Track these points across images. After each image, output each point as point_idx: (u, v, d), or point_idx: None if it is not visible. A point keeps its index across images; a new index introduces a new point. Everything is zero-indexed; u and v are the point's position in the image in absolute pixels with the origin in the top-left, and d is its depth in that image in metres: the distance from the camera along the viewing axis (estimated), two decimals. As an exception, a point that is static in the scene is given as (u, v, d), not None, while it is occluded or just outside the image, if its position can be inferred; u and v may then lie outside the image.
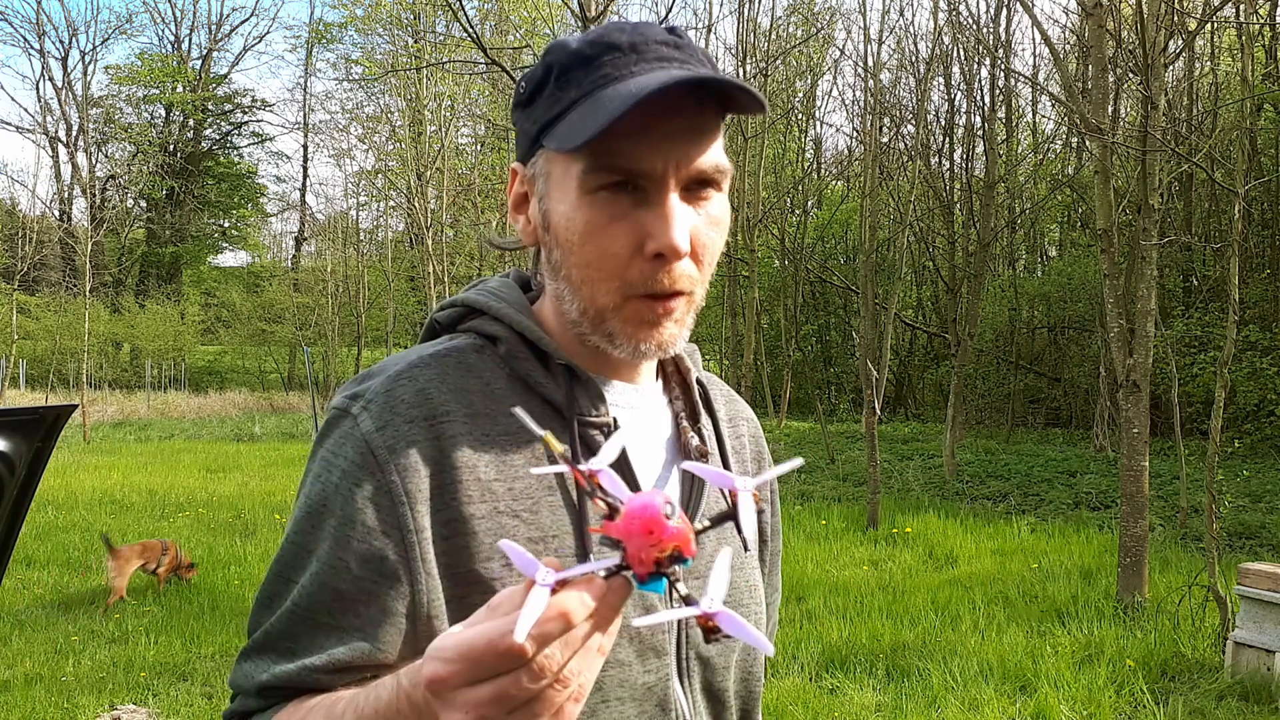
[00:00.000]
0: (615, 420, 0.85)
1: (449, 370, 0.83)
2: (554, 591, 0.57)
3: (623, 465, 0.83)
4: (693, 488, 0.88)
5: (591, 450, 0.83)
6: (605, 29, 0.81)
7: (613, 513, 0.60)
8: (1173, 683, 4.67)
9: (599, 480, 0.61)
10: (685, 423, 0.92)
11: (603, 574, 0.58)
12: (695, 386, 0.94)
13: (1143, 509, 5.81)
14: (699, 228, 0.80)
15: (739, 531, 0.62)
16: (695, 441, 0.90)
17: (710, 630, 0.59)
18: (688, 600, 0.58)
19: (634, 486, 0.83)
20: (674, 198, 0.77)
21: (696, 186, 0.79)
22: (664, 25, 0.83)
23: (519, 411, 0.66)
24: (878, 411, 9.06)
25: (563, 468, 0.62)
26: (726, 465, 0.94)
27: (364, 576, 0.76)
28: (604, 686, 0.79)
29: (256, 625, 0.81)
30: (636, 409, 0.89)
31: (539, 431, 0.62)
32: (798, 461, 0.70)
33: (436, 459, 0.78)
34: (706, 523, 0.63)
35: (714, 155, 0.79)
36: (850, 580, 6.69)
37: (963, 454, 12.57)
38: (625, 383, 0.89)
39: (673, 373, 0.95)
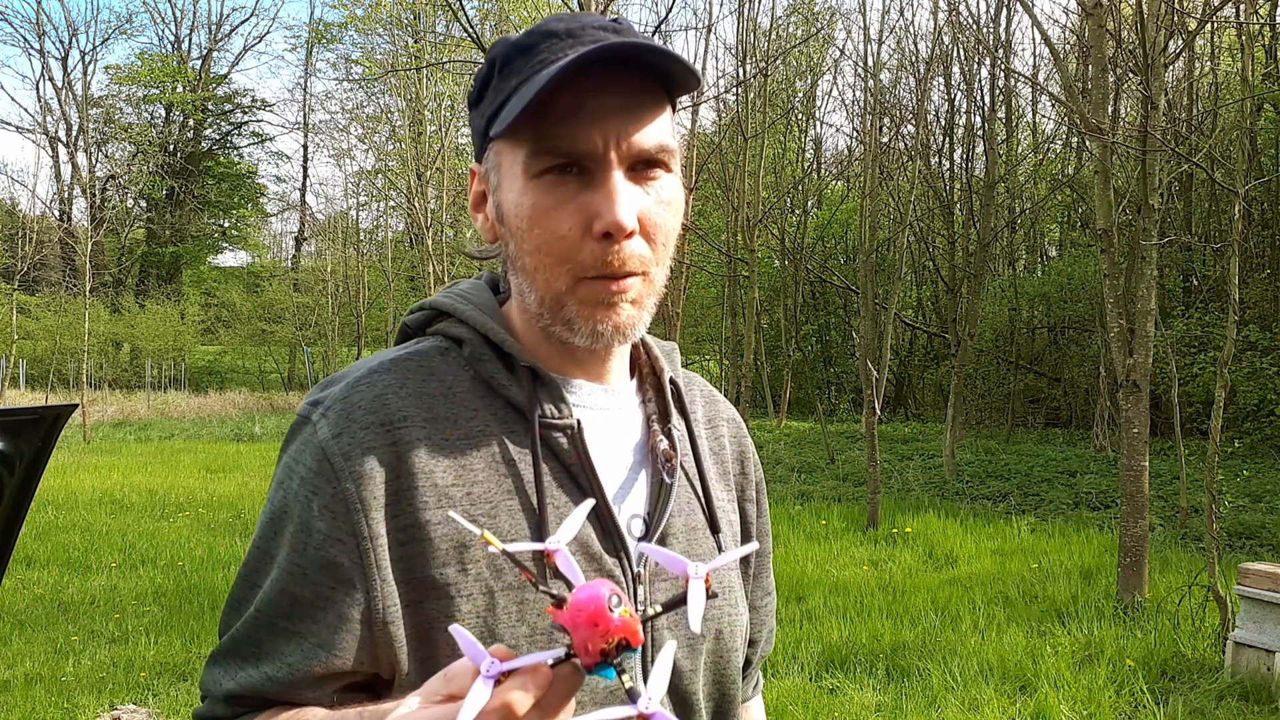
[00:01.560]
0: (579, 421, 0.83)
1: (409, 374, 0.83)
2: (498, 682, 0.57)
3: (586, 470, 0.82)
4: (659, 499, 0.86)
5: (552, 452, 0.82)
6: (545, 20, 0.81)
7: (559, 602, 0.59)
8: (1173, 683, 4.67)
9: (554, 561, 0.61)
10: (655, 425, 0.90)
11: (550, 663, 0.58)
12: (669, 386, 0.92)
13: (1143, 509, 5.81)
14: (648, 207, 0.79)
15: (689, 617, 0.61)
16: (664, 445, 0.89)
17: None
18: (631, 694, 0.57)
19: (598, 492, 0.82)
20: (618, 175, 0.77)
21: (643, 167, 0.79)
22: (610, 17, 0.83)
23: (454, 515, 0.66)
24: (878, 411, 9.06)
25: (530, 546, 0.62)
26: (700, 467, 0.92)
27: (320, 582, 0.77)
28: None
29: (226, 627, 0.82)
30: (606, 410, 0.88)
31: (475, 530, 0.62)
32: (753, 546, 0.70)
33: (393, 465, 0.78)
34: (657, 608, 0.62)
35: (657, 133, 0.79)
36: (850, 580, 6.69)
37: (963, 454, 12.57)
38: (594, 383, 0.87)
39: (648, 374, 0.94)
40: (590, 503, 0.68)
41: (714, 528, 0.90)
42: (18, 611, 5.89)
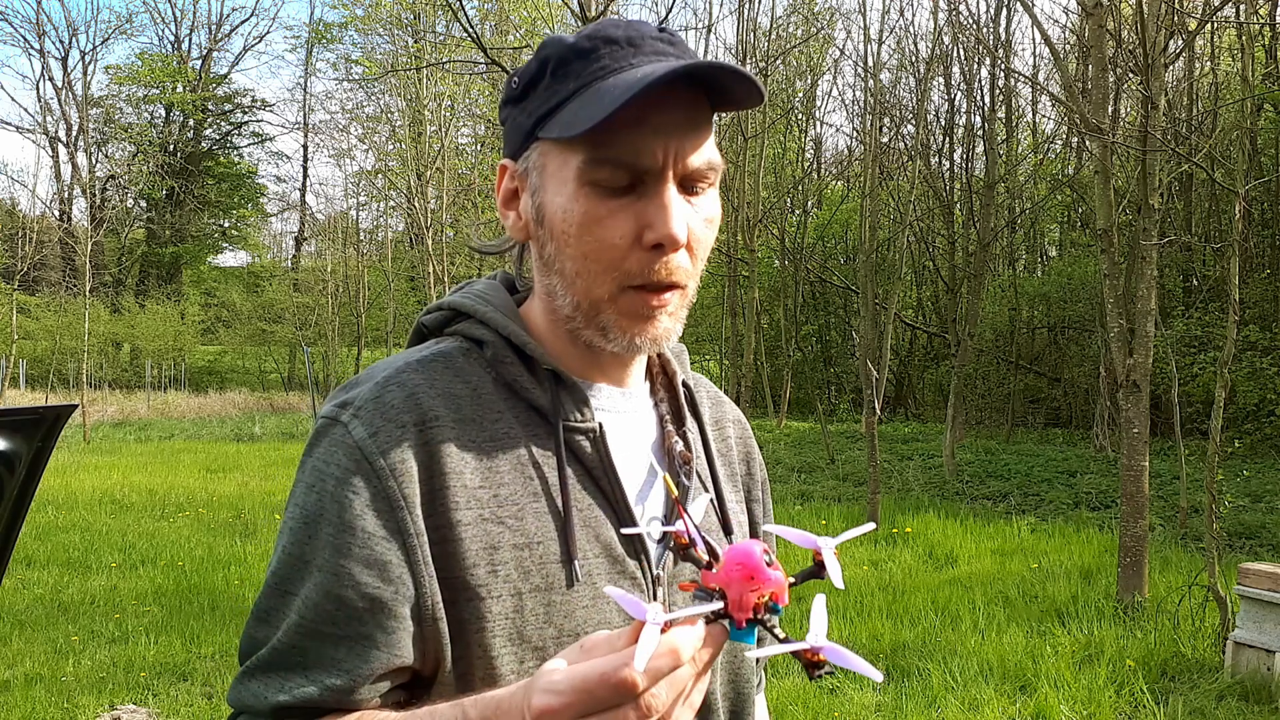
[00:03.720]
0: (601, 425, 0.84)
1: (437, 375, 0.83)
2: (664, 630, 0.60)
3: (608, 474, 0.83)
4: (673, 502, 0.87)
5: (575, 455, 0.83)
6: (600, 24, 0.82)
7: (712, 562, 0.63)
8: (1173, 683, 4.66)
9: (684, 538, 0.66)
10: (670, 427, 0.91)
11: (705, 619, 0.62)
12: (681, 389, 0.93)
13: (1143, 509, 5.81)
14: (694, 222, 0.81)
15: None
16: (679, 447, 0.89)
17: (815, 664, 0.61)
18: (786, 640, 0.61)
19: (618, 493, 0.83)
20: (672, 189, 0.78)
21: (691, 182, 0.80)
22: (658, 24, 0.84)
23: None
24: (878, 411, 9.06)
25: (677, 526, 0.67)
26: (712, 469, 0.93)
27: (368, 583, 0.75)
28: None
29: (255, 641, 0.79)
30: (623, 413, 0.88)
31: (659, 470, 0.70)
32: (870, 526, 0.77)
33: (427, 464, 0.78)
34: (792, 579, 0.66)
35: (709, 150, 0.81)
36: (850, 580, 6.69)
37: (963, 454, 12.56)
38: (613, 386, 0.88)
39: (659, 375, 0.94)
40: (706, 497, 0.74)
41: (727, 529, 0.91)
42: (18, 611, 5.89)
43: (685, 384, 0.94)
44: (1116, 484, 8.70)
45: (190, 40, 39.91)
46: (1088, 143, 10.07)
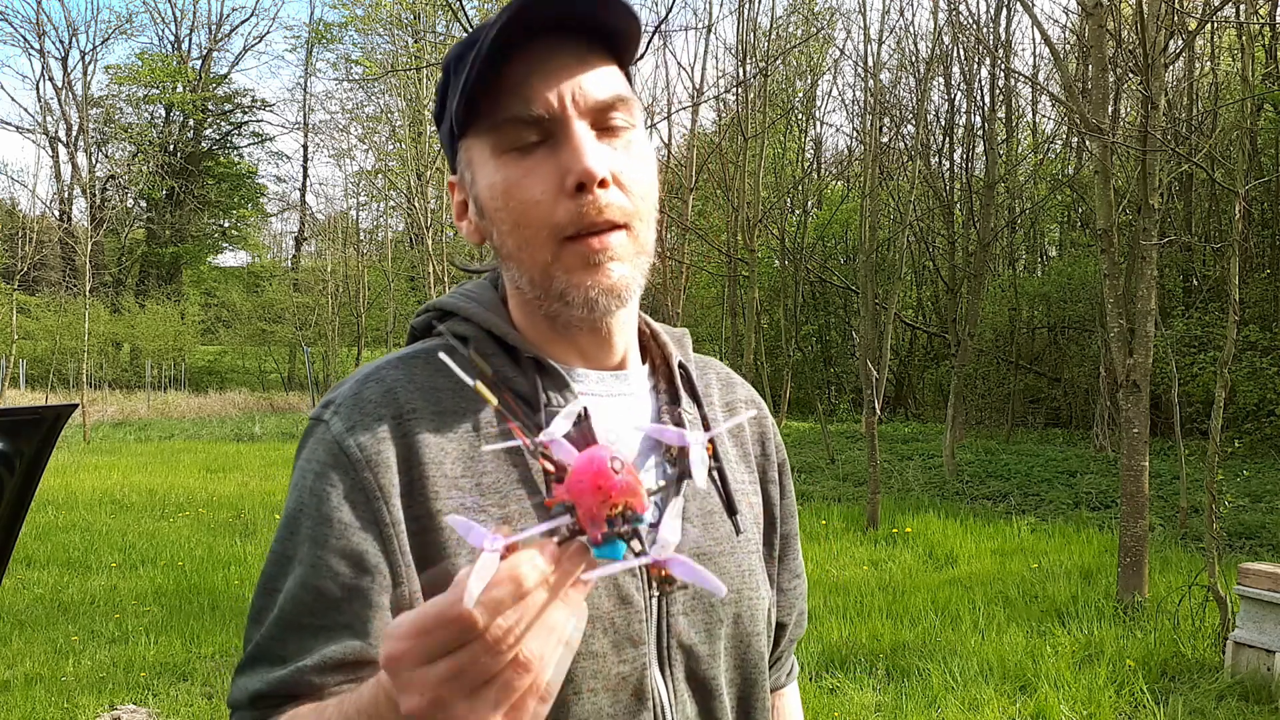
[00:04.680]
0: (585, 409, 0.82)
1: (417, 370, 0.84)
2: (503, 556, 0.54)
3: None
4: (669, 479, 0.86)
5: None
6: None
7: (560, 474, 0.57)
8: (1173, 683, 4.66)
9: (549, 448, 0.59)
10: (663, 411, 0.90)
11: (557, 541, 0.56)
12: (678, 370, 0.92)
13: (1143, 509, 5.81)
14: (619, 159, 0.80)
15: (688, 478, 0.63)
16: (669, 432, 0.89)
17: (664, 580, 0.56)
18: (639, 555, 0.55)
19: None
20: (580, 127, 0.78)
21: (605, 119, 0.80)
22: None
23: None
24: (878, 411, 9.06)
25: (516, 442, 0.60)
26: (714, 449, 0.92)
27: (345, 573, 0.76)
28: (576, 678, 0.78)
29: (248, 641, 0.80)
30: (618, 396, 0.88)
31: (469, 381, 0.61)
32: (753, 411, 0.80)
33: (405, 455, 0.79)
34: (660, 483, 0.62)
35: (611, 83, 0.80)
36: (850, 580, 6.69)
37: (963, 454, 12.57)
38: (605, 370, 0.88)
39: (659, 361, 0.94)
40: (578, 404, 0.67)
41: (730, 509, 0.90)
42: (18, 611, 5.89)
43: (682, 365, 0.93)
44: (1116, 484, 8.70)
45: (190, 40, 39.95)
46: (1088, 143, 10.07)
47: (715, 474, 0.91)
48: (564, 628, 0.56)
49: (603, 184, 0.77)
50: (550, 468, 0.58)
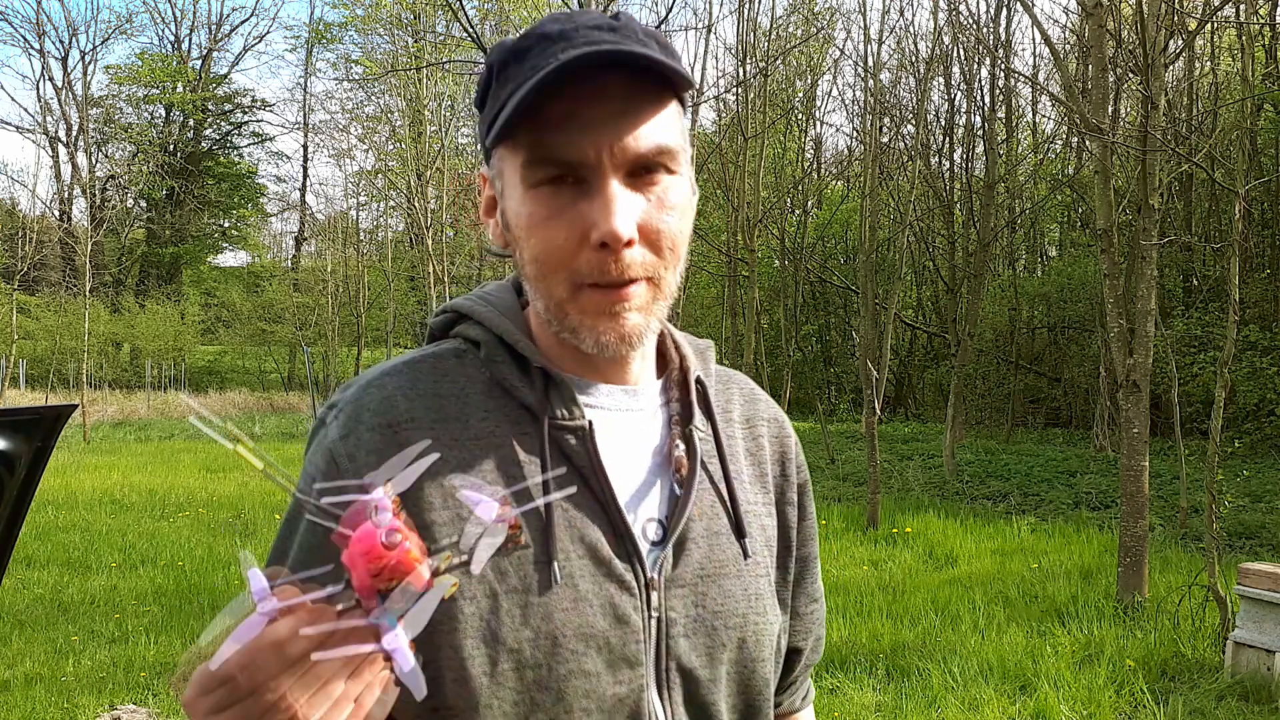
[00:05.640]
0: (590, 423, 0.82)
1: (421, 376, 0.83)
2: (273, 620, 0.57)
3: (597, 473, 0.81)
4: (675, 499, 0.84)
5: (563, 453, 0.81)
6: (542, 20, 0.79)
7: (346, 540, 0.58)
8: (1173, 683, 4.66)
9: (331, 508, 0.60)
10: (674, 429, 0.87)
11: (340, 608, 0.58)
12: (694, 386, 0.89)
13: (1143, 509, 5.81)
14: (649, 213, 0.77)
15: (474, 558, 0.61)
16: (679, 450, 0.86)
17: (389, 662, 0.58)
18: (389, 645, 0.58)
19: (608, 493, 0.80)
20: (615, 184, 0.75)
21: (643, 171, 0.77)
22: (609, 13, 0.80)
23: (194, 419, 0.65)
24: (878, 411, 9.06)
25: (346, 497, 0.60)
26: (725, 469, 0.88)
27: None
28: (567, 697, 0.76)
29: None
30: (627, 411, 0.86)
31: (228, 445, 0.63)
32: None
33: None
34: (463, 556, 0.61)
35: (654, 135, 0.76)
36: (850, 580, 6.69)
37: (963, 454, 12.57)
38: (616, 385, 0.86)
39: (676, 374, 0.91)
40: (430, 458, 0.65)
41: (739, 532, 0.87)
42: (18, 611, 5.89)
43: (700, 380, 0.90)
44: (1116, 484, 8.70)
45: (190, 40, 39.97)
46: (1088, 143, 10.07)
47: (725, 495, 0.88)
48: (348, 692, 0.59)
49: (629, 243, 0.76)
50: (339, 530, 0.59)
